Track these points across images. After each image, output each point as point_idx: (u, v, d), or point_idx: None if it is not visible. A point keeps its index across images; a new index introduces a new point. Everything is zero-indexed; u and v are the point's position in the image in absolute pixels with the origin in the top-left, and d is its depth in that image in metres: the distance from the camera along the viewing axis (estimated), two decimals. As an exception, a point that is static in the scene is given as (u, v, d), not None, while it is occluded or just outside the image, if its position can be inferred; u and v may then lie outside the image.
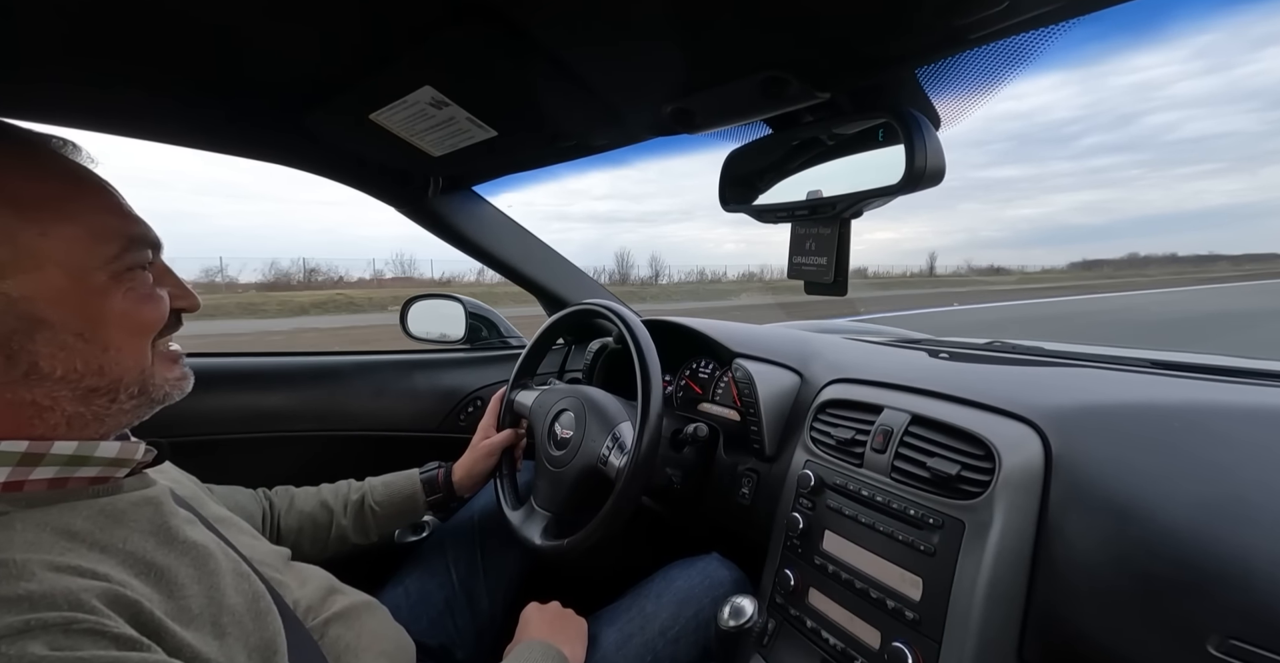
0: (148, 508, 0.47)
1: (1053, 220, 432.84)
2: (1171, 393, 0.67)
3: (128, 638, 0.36)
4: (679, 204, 24.38)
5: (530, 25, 0.52)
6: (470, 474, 0.92)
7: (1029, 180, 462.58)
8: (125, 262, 0.45)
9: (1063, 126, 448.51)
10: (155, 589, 0.42)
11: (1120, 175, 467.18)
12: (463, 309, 1.40)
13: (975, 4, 0.36)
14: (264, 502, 0.81)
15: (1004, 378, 0.77)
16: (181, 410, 0.55)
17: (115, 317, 0.44)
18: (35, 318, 0.40)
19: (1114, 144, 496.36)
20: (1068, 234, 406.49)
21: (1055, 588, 0.57)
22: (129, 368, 0.45)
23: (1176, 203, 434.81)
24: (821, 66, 0.49)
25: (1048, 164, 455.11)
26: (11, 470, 0.41)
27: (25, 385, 0.41)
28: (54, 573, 0.37)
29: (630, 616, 0.78)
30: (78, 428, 0.45)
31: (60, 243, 0.41)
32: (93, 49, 0.59)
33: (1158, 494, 0.53)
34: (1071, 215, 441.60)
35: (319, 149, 0.91)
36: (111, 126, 0.76)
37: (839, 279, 0.56)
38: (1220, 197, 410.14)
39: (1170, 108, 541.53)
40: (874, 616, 0.65)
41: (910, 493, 0.66)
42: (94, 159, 0.49)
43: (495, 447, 0.95)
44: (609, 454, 0.84)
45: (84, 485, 0.45)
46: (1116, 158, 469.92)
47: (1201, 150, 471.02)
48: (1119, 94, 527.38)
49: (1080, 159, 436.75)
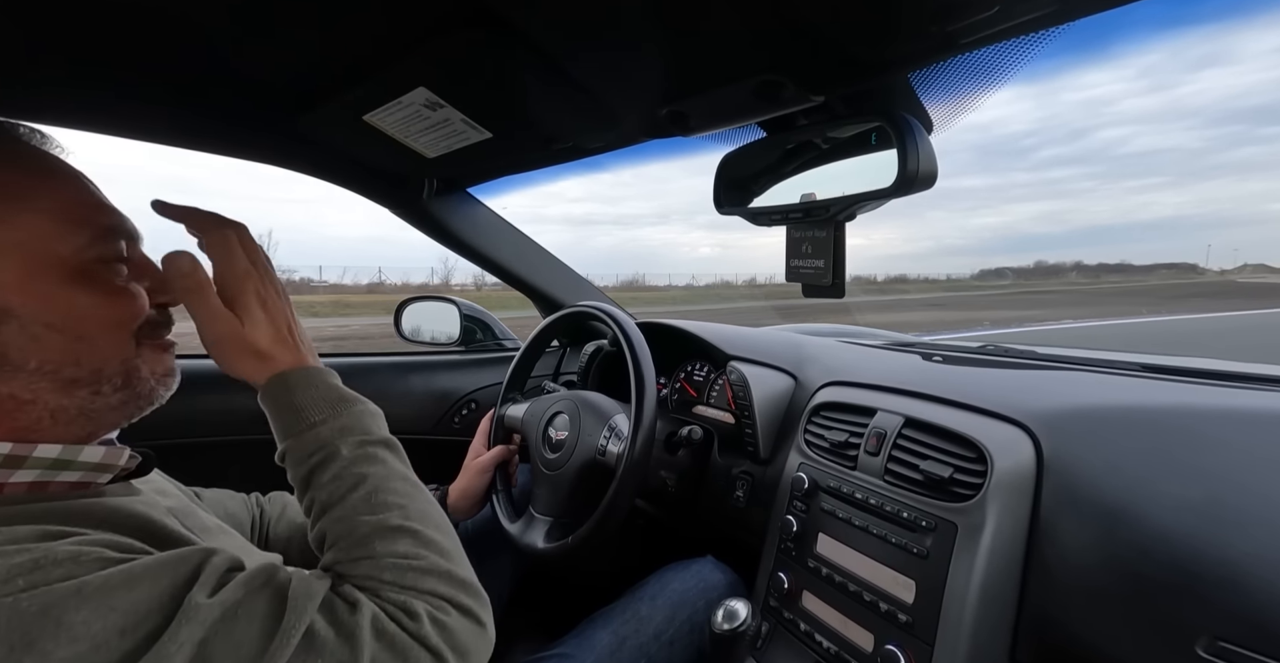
0: (133, 509, 0.46)
1: (1013, 229, 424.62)
2: (1162, 396, 0.67)
3: (140, 548, 0.37)
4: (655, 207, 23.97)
5: (526, 28, 0.52)
6: (466, 495, 0.89)
7: (991, 190, 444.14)
8: (95, 251, 0.43)
9: (1021, 139, 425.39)
10: None
11: (1075, 187, 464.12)
12: (457, 311, 1.40)
13: (967, 9, 0.37)
14: (254, 509, 0.79)
15: (996, 381, 0.78)
16: (173, 413, 0.54)
17: (85, 308, 0.43)
18: (1, 308, 0.40)
19: (1069, 157, 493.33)
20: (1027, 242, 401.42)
21: (1047, 590, 0.57)
22: (108, 358, 0.44)
23: (1125, 214, 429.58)
24: (816, 70, 0.50)
25: (1008, 174, 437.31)
26: None
27: (1, 379, 0.40)
28: (47, 538, 0.37)
29: (624, 618, 0.78)
30: (63, 423, 0.44)
31: (24, 231, 0.40)
32: (87, 49, 0.58)
33: (1148, 497, 0.53)
34: (1031, 225, 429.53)
35: (313, 151, 0.90)
36: (107, 127, 0.76)
37: (836, 281, 0.56)
38: (1167, 209, 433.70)
39: (1119, 123, 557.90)
40: (867, 618, 0.65)
41: (903, 496, 0.67)
42: (64, 148, 0.47)
43: (488, 463, 0.93)
44: (606, 443, 0.84)
45: (64, 491, 0.44)
46: (1071, 170, 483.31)
47: (1148, 164, 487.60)
48: (1072, 109, 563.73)
49: (1038, 170, 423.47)
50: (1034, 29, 0.39)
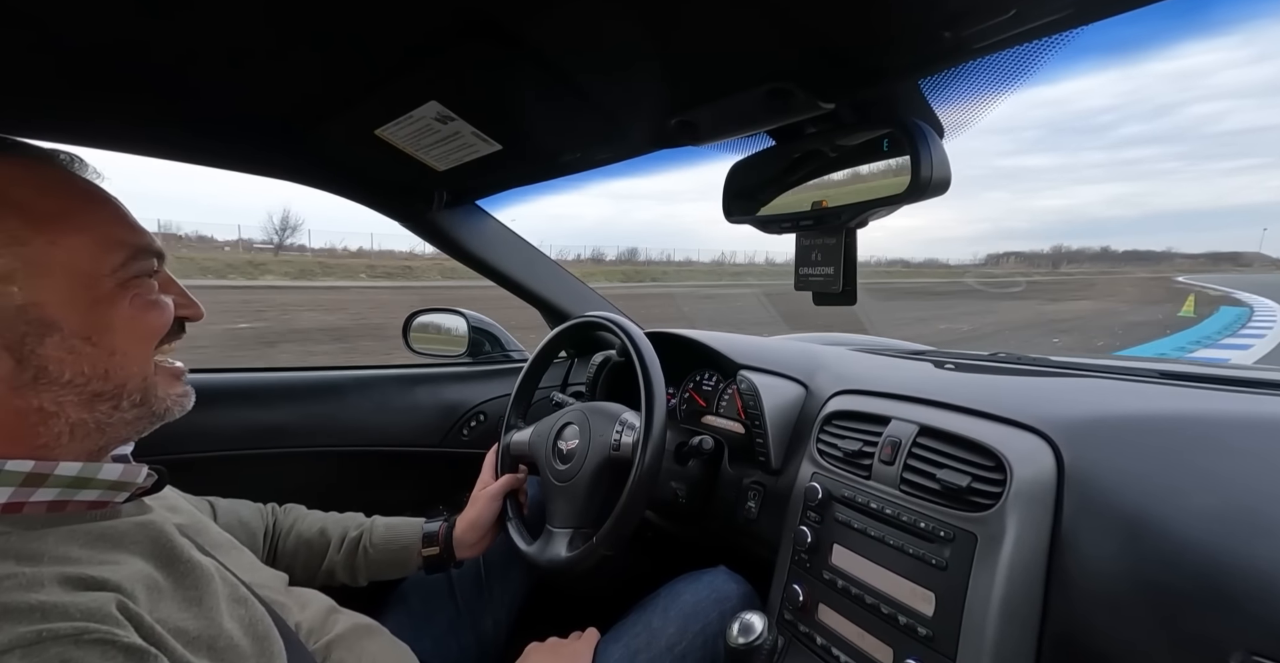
0: (147, 531, 0.47)
1: (1081, 213, 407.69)
2: (1183, 404, 0.66)
3: (137, 648, 0.37)
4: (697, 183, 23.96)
5: (536, 41, 0.52)
6: (475, 525, 0.85)
7: (1059, 170, 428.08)
8: (131, 270, 0.46)
9: (1098, 114, 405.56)
10: (156, 607, 0.42)
11: (1156, 168, 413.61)
12: (465, 323, 1.40)
13: (981, 14, 0.37)
14: (269, 518, 0.80)
15: (1013, 389, 0.76)
16: (185, 427, 0.55)
17: (121, 322, 0.45)
18: (45, 322, 0.42)
19: (1151, 135, 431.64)
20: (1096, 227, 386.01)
21: (1071, 603, 0.56)
22: (133, 374, 0.46)
23: (1217, 198, 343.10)
24: (826, 78, 0.50)
25: (1079, 154, 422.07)
26: (14, 492, 0.41)
27: (34, 390, 0.42)
28: (64, 584, 0.37)
29: (636, 631, 0.77)
30: (80, 437, 0.45)
31: (69, 251, 0.43)
32: (100, 67, 0.59)
33: (1174, 507, 0.52)
34: (1102, 208, 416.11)
35: (324, 165, 0.91)
36: (115, 144, 0.77)
37: (848, 288, 0.56)
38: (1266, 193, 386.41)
39: (1214, 97, 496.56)
40: (885, 632, 0.64)
41: (920, 505, 0.65)
42: (100, 174, 0.50)
43: (496, 492, 0.89)
44: (620, 437, 0.83)
45: (82, 510, 0.45)
46: (1153, 149, 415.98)
47: (1244, 144, 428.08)
48: (1159, 81, 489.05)
49: (1114, 149, 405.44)
50: (1049, 33, 0.38)
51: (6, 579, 0.36)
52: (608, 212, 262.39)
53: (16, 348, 0.41)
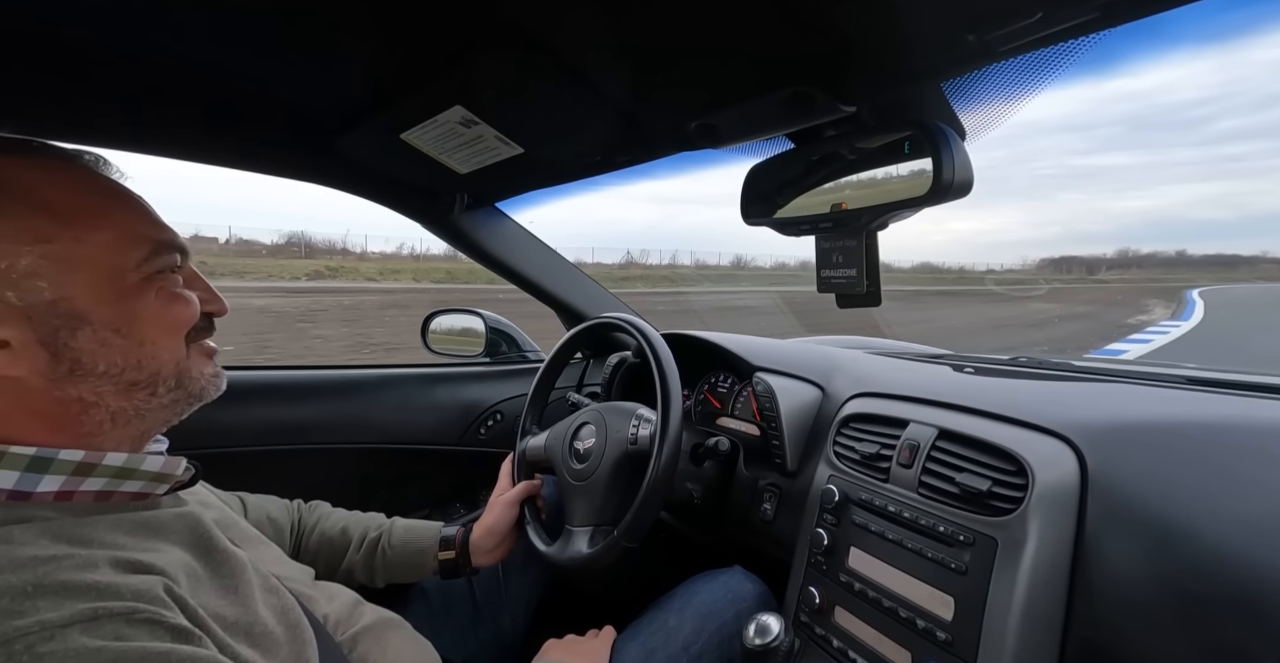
0: (185, 521, 0.49)
1: (1168, 214, 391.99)
2: (1210, 409, 0.65)
3: (183, 629, 0.38)
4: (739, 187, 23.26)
5: (560, 46, 0.53)
6: (493, 531, 0.85)
7: (1143, 169, 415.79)
8: (155, 264, 0.47)
9: (1189, 108, 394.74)
10: (196, 593, 0.43)
11: (1258, 165, 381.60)
12: (483, 323, 1.42)
13: (1007, 17, 0.37)
14: (295, 514, 0.81)
15: (1034, 393, 0.76)
16: (213, 422, 0.56)
17: (149, 314, 0.47)
18: (76, 315, 0.43)
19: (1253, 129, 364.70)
20: (1187, 230, 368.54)
21: (1095, 610, 0.55)
22: (165, 361, 0.48)
23: None
24: (848, 81, 0.50)
25: (1167, 151, 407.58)
26: (65, 479, 0.43)
27: (71, 382, 0.44)
28: (115, 567, 0.39)
29: (652, 630, 0.77)
30: (121, 424, 0.47)
31: (95, 247, 0.44)
32: (137, 75, 0.61)
33: (1201, 513, 0.51)
34: (1193, 209, 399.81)
35: (350, 168, 0.93)
36: (149, 147, 0.79)
37: (871, 289, 0.56)
38: None
39: None
40: (903, 636, 0.64)
41: (939, 509, 0.65)
42: (124, 173, 0.52)
43: (514, 498, 0.89)
44: (637, 431, 0.83)
45: (125, 501, 0.47)
46: (1255, 145, 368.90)
47: None
48: (1263, 70, 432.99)
49: (1210, 145, 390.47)
50: (1075, 35, 0.38)
51: (65, 559, 0.38)
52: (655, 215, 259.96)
53: (50, 342, 0.43)
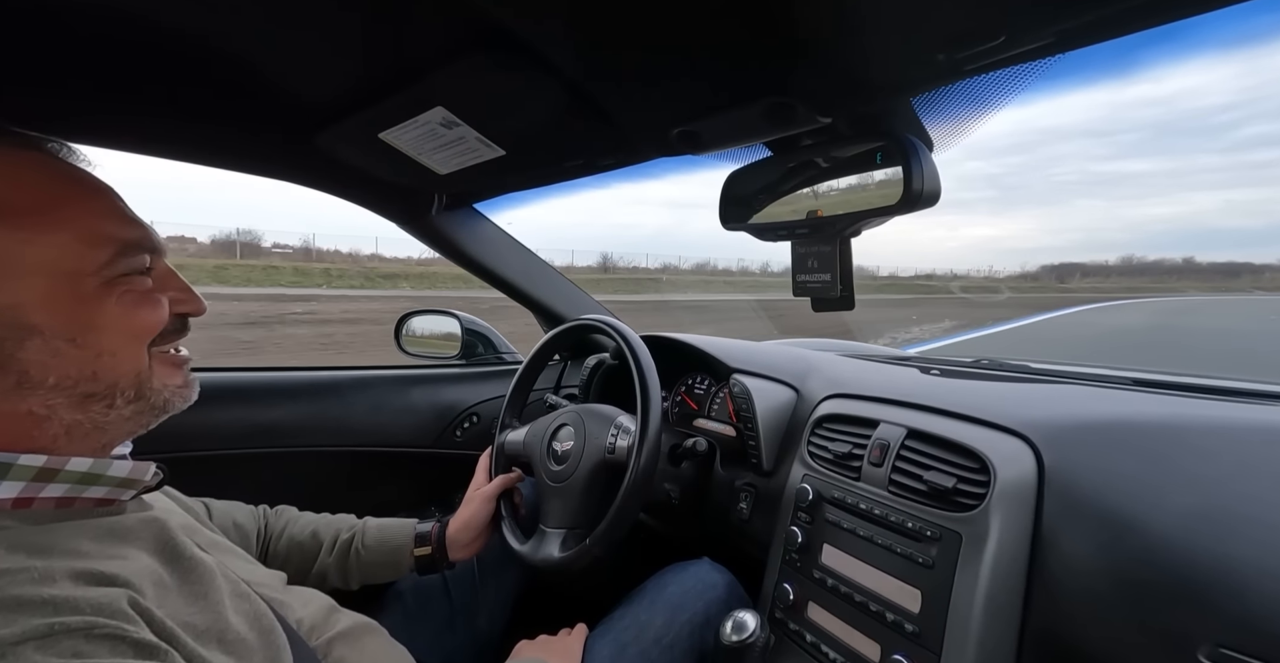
0: (151, 527, 0.46)
1: (1191, 221, 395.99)
2: (1156, 409, 0.69)
3: (147, 644, 0.36)
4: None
5: (545, 50, 0.54)
6: (469, 525, 0.85)
7: (1165, 175, 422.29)
8: (119, 267, 0.43)
9: (1215, 114, 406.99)
10: (163, 602, 0.42)
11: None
12: (458, 325, 1.41)
13: (974, 39, 0.39)
14: (261, 520, 0.79)
15: (996, 394, 0.79)
16: (182, 425, 0.54)
17: (108, 321, 0.43)
18: (24, 325, 0.40)
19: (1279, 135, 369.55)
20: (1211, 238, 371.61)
21: (1051, 599, 0.58)
22: (124, 373, 0.44)
23: None
24: (826, 94, 0.52)
25: (1191, 157, 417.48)
26: (25, 486, 0.41)
27: (19, 395, 0.40)
28: (74, 579, 0.37)
29: (624, 625, 0.78)
30: (79, 438, 0.44)
31: (48, 249, 0.40)
32: (110, 68, 0.60)
33: (1148, 506, 0.55)
34: (1217, 216, 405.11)
35: (328, 167, 0.92)
36: (123, 143, 0.77)
37: (845, 293, 0.58)
38: None
39: None
40: (873, 629, 0.66)
41: (908, 506, 0.68)
42: (91, 162, 0.47)
43: (490, 492, 0.89)
44: (615, 440, 0.84)
45: (89, 507, 0.44)
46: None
47: None
48: None
49: (1235, 151, 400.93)
50: (1034, 58, 0.41)
51: (20, 573, 0.35)
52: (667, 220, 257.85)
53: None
